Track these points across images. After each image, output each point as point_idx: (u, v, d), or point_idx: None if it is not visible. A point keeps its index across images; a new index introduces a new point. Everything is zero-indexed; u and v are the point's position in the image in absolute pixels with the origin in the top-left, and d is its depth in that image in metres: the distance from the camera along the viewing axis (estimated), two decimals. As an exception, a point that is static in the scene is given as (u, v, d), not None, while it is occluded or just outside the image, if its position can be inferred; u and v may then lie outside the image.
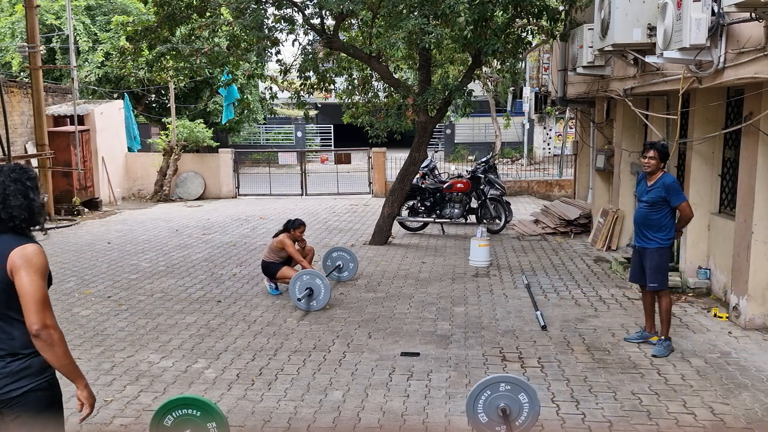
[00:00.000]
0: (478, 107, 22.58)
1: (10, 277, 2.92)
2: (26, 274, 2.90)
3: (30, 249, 2.96)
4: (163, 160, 17.80)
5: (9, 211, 3.00)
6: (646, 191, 5.76)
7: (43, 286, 2.94)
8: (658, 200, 5.65)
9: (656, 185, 5.69)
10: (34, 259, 2.94)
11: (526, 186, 18.31)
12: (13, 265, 2.92)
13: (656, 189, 5.68)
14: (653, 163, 5.68)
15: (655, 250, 5.72)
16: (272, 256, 7.96)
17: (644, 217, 5.74)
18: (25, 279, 2.89)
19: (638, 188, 5.99)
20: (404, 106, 10.82)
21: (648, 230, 5.74)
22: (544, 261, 9.64)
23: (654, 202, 5.67)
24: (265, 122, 30.86)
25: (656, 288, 5.76)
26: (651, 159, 5.68)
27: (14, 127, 14.53)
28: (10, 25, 20.40)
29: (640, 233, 5.84)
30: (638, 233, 5.89)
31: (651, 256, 5.74)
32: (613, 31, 7.19)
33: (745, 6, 5.03)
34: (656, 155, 5.67)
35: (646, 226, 5.75)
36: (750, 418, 4.58)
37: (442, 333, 6.44)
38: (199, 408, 3.77)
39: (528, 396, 4.02)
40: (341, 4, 9.31)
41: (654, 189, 5.69)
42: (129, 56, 11.09)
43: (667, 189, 5.63)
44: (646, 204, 5.73)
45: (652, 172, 5.72)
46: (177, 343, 6.20)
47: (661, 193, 5.63)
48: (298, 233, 8.05)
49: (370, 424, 4.58)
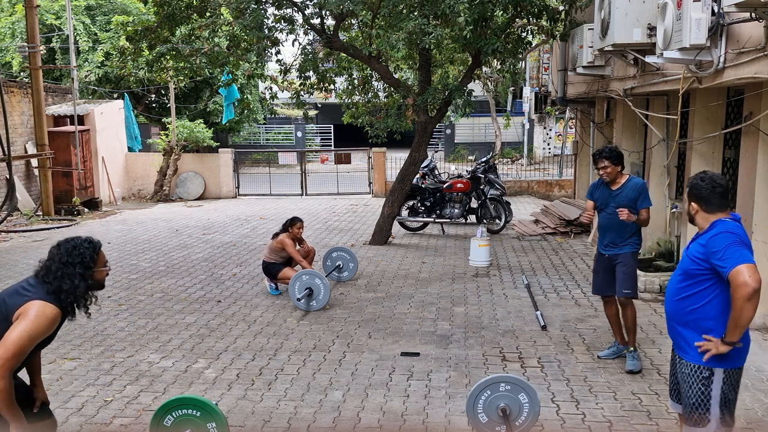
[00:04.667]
0: (478, 107, 22.58)
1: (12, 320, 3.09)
2: (23, 323, 3.06)
3: (43, 309, 3.11)
4: (163, 160, 17.80)
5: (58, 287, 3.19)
6: (611, 196, 5.46)
7: (27, 343, 3.05)
8: (630, 203, 5.38)
9: (625, 189, 5.42)
10: (38, 320, 3.08)
11: (526, 186, 18.31)
12: (23, 311, 3.09)
13: (626, 191, 5.40)
14: (610, 171, 5.40)
15: (629, 255, 5.46)
16: (272, 256, 7.96)
17: (619, 222, 5.37)
18: (19, 326, 3.05)
19: (596, 195, 5.62)
20: (404, 106, 10.82)
21: (621, 235, 5.45)
22: (544, 261, 9.64)
23: (626, 205, 5.34)
24: (265, 122, 30.87)
25: (630, 295, 5.44)
26: (606, 168, 5.39)
27: (14, 127, 14.54)
28: (10, 25, 20.40)
29: (611, 240, 5.51)
30: (608, 241, 5.54)
31: (625, 261, 5.45)
32: (613, 31, 7.19)
33: (745, 6, 5.03)
34: (609, 163, 5.37)
35: (620, 231, 5.45)
36: (750, 418, 4.58)
37: (442, 333, 6.44)
38: (199, 408, 3.77)
39: (528, 396, 4.02)
40: (341, 4, 9.31)
41: (623, 192, 5.41)
42: (129, 56, 11.09)
43: (639, 191, 5.39)
44: (617, 209, 5.36)
45: (614, 178, 5.45)
46: (177, 343, 6.20)
47: (631, 195, 5.38)
48: (296, 230, 8.02)
49: (370, 424, 4.58)
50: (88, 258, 3.25)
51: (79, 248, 3.25)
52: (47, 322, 3.09)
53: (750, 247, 3.26)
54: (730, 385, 3.34)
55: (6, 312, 3.13)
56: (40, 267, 3.27)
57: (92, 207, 15.46)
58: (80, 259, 3.22)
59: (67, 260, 3.21)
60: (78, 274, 3.21)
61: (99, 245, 3.39)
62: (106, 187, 16.93)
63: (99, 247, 3.38)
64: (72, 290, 3.20)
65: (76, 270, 3.20)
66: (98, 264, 3.35)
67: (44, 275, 3.21)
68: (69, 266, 3.20)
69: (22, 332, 3.03)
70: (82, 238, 3.33)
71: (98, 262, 3.35)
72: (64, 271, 3.18)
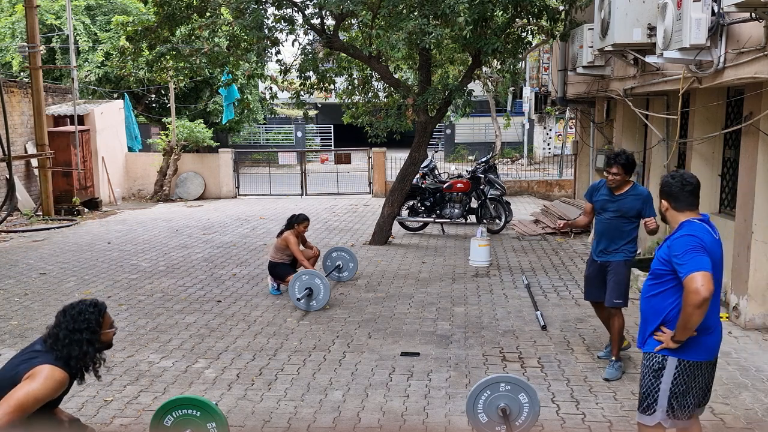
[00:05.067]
0: (478, 107, 22.59)
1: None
2: (31, 383, 3.09)
3: (52, 373, 3.14)
4: (163, 160, 17.80)
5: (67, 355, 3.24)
6: (611, 201, 5.35)
7: (31, 402, 3.07)
8: (632, 211, 5.28)
9: (628, 196, 5.30)
10: (47, 382, 3.11)
11: (526, 186, 18.31)
12: (31, 373, 3.13)
13: (630, 199, 5.29)
14: (619, 178, 5.28)
15: (621, 263, 5.36)
16: (278, 255, 7.90)
17: (616, 228, 5.34)
18: (26, 386, 3.08)
19: (595, 197, 5.50)
20: (404, 106, 10.82)
21: (616, 242, 5.37)
22: (544, 261, 9.64)
23: (626, 212, 5.29)
24: (265, 122, 30.87)
25: (620, 305, 5.35)
26: (616, 175, 5.27)
27: (14, 127, 14.54)
28: (10, 25, 20.40)
29: (605, 247, 5.41)
30: (602, 247, 5.45)
31: (617, 270, 5.36)
32: (613, 31, 7.20)
33: (745, 6, 5.03)
34: (621, 170, 5.25)
35: (616, 238, 5.36)
36: (750, 418, 4.58)
37: (442, 333, 6.44)
38: (199, 408, 3.77)
39: (528, 396, 4.02)
40: (341, 4, 9.31)
41: (626, 199, 5.29)
42: (129, 56, 11.08)
43: (644, 200, 5.26)
44: (616, 214, 5.33)
45: (618, 185, 5.33)
46: (177, 343, 6.20)
47: (636, 205, 5.28)
48: (302, 228, 7.97)
49: (370, 424, 4.58)
50: (94, 323, 3.29)
51: (84, 314, 3.29)
52: (55, 384, 3.12)
53: (710, 250, 3.30)
54: (681, 377, 3.41)
55: (16, 378, 3.16)
56: (48, 334, 3.30)
57: (92, 207, 15.45)
58: (86, 325, 3.26)
59: (73, 327, 3.25)
60: (85, 339, 3.25)
61: (104, 308, 3.42)
62: (106, 187, 16.93)
63: (104, 309, 3.41)
64: (81, 356, 3.24)
65: (83, 336, 3.24)
66: (105, 326, 3.38)
67: (52, 343, 3.24)
68: (76, 333, 3.24)
69: (28, 391, 3.06)
70: (87, 303, 3.36)
71: (104, 324, 3.39)
72: (72, 338, 3.22)
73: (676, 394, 3.43)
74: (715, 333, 3.45)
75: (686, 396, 3.44)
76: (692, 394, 3.45)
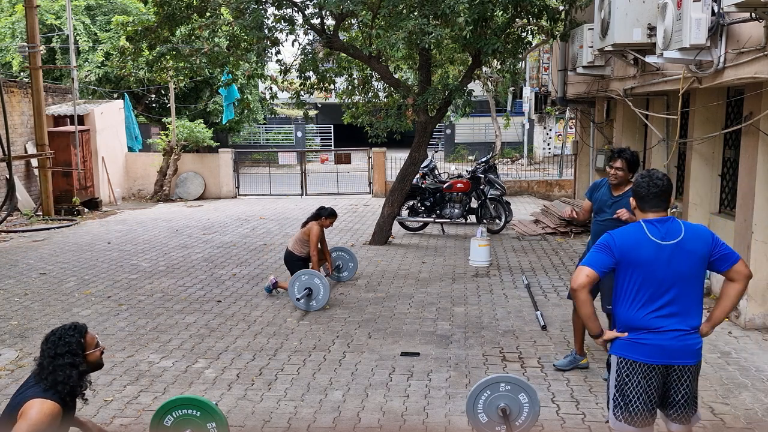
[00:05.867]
0: (478, 107, 22.59)
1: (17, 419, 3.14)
2: (23, 424, 3.08)
3: (40, 407, 3.12)
4: (163, 160, 17.80)
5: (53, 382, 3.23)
6: (611, 202, 5.18)
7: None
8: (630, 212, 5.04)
9: (625, 196, 5.04)
10: (39, 416, 3.08)
11: (526, 186, 18.31)
12: (23, 410, 3.13)
13: (627, 200, 4.96)
14: (621, 175, 5.12)
15: None
16: (297, 247, 7.80)
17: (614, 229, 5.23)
18: (19, 429, 3.07)
19: (595, 196, 5.34)
20: (404, 106, 10.81)
21: None
22: (544, 261, 9.64)
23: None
24: (265, 122, 30.88)
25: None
26: (619, 170, 5.11)
27: (14, 127, 14.54)
28: (10, 25, 20.40)
29: None
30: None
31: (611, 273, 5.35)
32: (613, 31, 7.20)
33: (745, 6, 5.03)
34: (624, 165, 5.10)
35: None
36: (750, 418, 4.58)
37: (442, 333, 6.44)
38: (200, 408, 3.77)
39: (528, 396, 4.02)
40: (341, 4, 9.31)
41: (623, 200, 5.08)
42: (129, 56, 11.08)
43: None
44: (612, 217, 5.12)
45: (620, 183, 5.17)
46: (177, 343, 6.20)
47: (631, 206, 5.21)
48: (328, 223, 7.89)
49: (370, 424, 4.58)
50: (75, 345, 3.29)
51: (64, 338, 3.29)
52: (47, 418, 3.10)
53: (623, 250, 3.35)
54: (622, 376, 3.40)
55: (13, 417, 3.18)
56: (36, 367, 3.31)
57: (92, 207, 15.45)
58: (67, 348, 3.26)
59: (55, 353, 3.25)
60: (68, 363, 3.24)
61: (84, 329, 3.40)
62: (106, 187, 16.93)
63: (85, 330, 3.39)
64: (66, 380, 3.23)
65: (65, 360, 3.24)
66: (88, 347, 3.38)
67: (39, 373, 3.25)
68: (58, 357, 3.24)
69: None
70: (66, 327, 3.36)
71: (87, 345, 3.38)
72: (55, 364, 3.22)
73: (623, 393, 3.39)
74: (662, 337, 3.30)
75: (628, 397, 3.36)
76: (636, 397, 3.34)
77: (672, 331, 3.30)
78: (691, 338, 3.33)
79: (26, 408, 3.12)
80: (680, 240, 3.30)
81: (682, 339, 3.31)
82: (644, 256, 3.30)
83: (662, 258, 3.29)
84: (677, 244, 3.29)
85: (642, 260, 3.30)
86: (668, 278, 3.29)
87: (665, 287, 3.29)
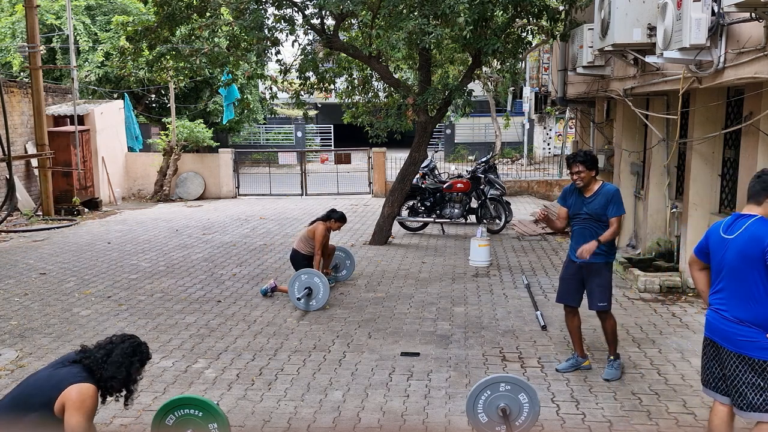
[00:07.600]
0: (478, 107, 22.59)
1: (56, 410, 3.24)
2: (75, 414, 3.22)
3: (86, 390, 3.30)
4: (163, 160, 17.80)
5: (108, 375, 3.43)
6: (583, 203, 5.26)
7: (87, 428, 3.26)
8: (602, 210, 5.18)
9: (597, 196, 5.20)
10: (87, 402, 3.28)
11: (526, 186, 18.31)
12: (67, 399, 3.24)
13: (599, 199, 5.20)
14: (584, 176, 5.19)
15: (603, 265, 5.24)
16: (303, 246, 7.83)
17: (591, 230, 5.22)
18: (73, 420, 3.21)
19: (569, 201, 5.39)
20: (404, 106, 10.82)
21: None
22: (544, 261, 9.64)
23: (597, 213, 5.19)
24: (265, 122, 30.86)
25: (605, 308, 5.25)
26: (580, 173, 5.18)
27: (14, 127, 14.54)
28: (10, 25, 20.39)
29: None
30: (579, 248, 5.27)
31: (599, 272, 5.24)
32: (613, 31, 7.19)
33: (745, 6, 5.03)
34: (583, 167, 5.17)
35: (592, 240, 5.16)
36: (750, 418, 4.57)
37: (442, 333, 6.44)
38: (201, 408, 3.77)
39: (528, 396, 4.03)
40: (341, 4, 9.31)
41: (595, 200, 5.20)
42: (129, 56, 11.08)
43: (609, 198, 5.15)
44: (589, 216, 5.22)
45: (587, 184, 5.23)
46: (177, 343, 6.20)
47: (602, 202, 5.18)
48: (335, 226, 7.91)
49: (370, 424, 4.58)
50: (145, 359, 3.64)
51: (141, 347, 3.62)
52: (92, 400, 3.32)
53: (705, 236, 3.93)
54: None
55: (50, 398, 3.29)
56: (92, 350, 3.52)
57: (92, 207, 15.45)
58: (140, 357, 3.59)
59: (132, 352, 3.54)
60: (135, 368, 3.56)
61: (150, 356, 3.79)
62: (106, 187, 16.93)
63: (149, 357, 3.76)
64: (125, 379, 3.49)
65: (133, 365, 3.54)
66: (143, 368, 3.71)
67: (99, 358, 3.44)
68: (130, 357, 3.53)
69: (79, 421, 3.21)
70: (144, 342, 3.69)
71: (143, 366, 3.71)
72: (123, 361, 3.48)
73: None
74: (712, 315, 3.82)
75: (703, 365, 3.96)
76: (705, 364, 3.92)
77: (717, 312, 3.75)
78: (730, 325, 3.67)
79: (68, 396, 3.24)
80: (735, 237, 3.68)
81: (724, 323, 3.70)
82: (712, 244, 3.83)
83: (720, 249, 3.76)
84: (733, 240, 3.69)
85: (711, 248, 3.83)
86: (721, 268, 3.74)
87: (719, 275, 3.76)
